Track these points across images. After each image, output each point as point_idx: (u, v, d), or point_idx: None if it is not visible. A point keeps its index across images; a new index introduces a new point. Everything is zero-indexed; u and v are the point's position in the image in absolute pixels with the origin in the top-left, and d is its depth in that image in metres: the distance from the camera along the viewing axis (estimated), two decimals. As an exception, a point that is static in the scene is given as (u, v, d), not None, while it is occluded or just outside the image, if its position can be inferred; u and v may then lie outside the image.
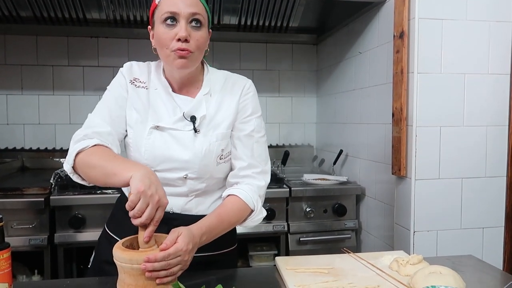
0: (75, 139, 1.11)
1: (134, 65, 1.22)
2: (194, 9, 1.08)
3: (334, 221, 2.26)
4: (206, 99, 1.19)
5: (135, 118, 1.17)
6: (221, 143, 1.18)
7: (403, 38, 1.72)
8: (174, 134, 1.15)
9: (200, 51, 1.12)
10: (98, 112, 1.17)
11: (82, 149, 1.06)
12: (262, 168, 1.22)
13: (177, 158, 1.14)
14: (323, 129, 2.99)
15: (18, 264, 2.06)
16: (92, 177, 1.05)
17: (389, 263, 1.18)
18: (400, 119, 1.75)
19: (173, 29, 1.08)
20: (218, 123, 1.18)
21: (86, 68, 2.74)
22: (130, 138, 1.18)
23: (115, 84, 1.21)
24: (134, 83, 1.19)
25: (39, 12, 2.42)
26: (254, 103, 1.23)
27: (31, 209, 1.95)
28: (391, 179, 1.88)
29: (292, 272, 1.12)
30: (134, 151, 1.17)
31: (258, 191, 1.19)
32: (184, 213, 1.18)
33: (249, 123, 1.21)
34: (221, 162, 1.19)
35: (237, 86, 1.22)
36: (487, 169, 1.77)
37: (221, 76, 1.25)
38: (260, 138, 1.23)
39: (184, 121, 1.15)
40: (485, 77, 1.75)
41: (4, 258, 0.93)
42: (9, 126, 2.73)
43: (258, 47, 2.99)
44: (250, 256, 2.27)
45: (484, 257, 1.72)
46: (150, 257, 0.88)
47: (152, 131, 1.15)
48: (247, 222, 1.19)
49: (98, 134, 1.11)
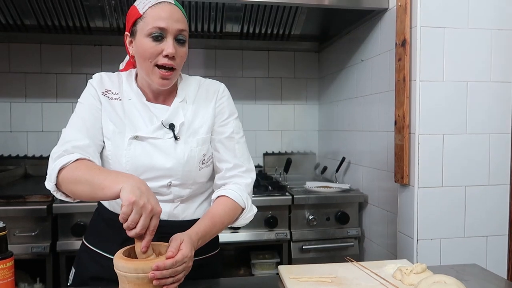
0: (53, 156, 1.08)
1: (104, 76, 1.22)
2: (181, 25, 1.11)
3: (337, 229, 2.26)
4: (182, 106, 1.20)
5: (111, 129, 1.16)
6: (202, 148, 1.19)
7: (405, 46, 1.73)
8: (155, 142, 1.15)
9: (181, 65, 1.15)
10: (73, 125, 1.15)
11: (64, 165, 1.04)
12: (246, 167, 1.24)
13: (160, 167, 1.14)
14: (325, 137, 2.99)
15: (20, 272, 2.06)
16: (78, 193, 1.03)
17: (393, 272, 1.17)
18: (402, 127, 1.75)
19: (159, 45, 1.09)
20: (196, 129, 1.20)
21: (89, 76, 2.72)
22: (109, 150, 1.15)
23: (86, 96, 1.19)
24: (107, 94, 1.18)
25: (43, 20, 2.44)
26: (230, 106, 1.27)
27: (34, 217, 1.95)
28: (394, 187, 1.87)
29: (295, 281, 1.11)
30: (114, 163, 1.15)
31: (246, 188, 1.21)
32: (171, 219, 1.18)
33: (228, 125, 1.24)
34: (203, 166, 1.21)
35: (211, 91, 1.25)
36: (490, 177, 1.77)
37: (194, 82, 1.26)
38: (240, 138, 1.26)
39: (163, 129, 1.16)
40: (488, 85, 1.75)
41: (7, 267, 0.94)
42: (13, 133, 2.74)
43: (260, 55, 3.00)
44: (253, 264, 2.26)
45: (488, 266, 1.70)
46: (160, 265, 0.89)
47: (131, 142, 1.14)
48: (239, 220, 1.21)
49: (77, 148, 1.09)
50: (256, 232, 2.17)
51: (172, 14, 1.09)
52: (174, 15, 1.10)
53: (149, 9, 1.10)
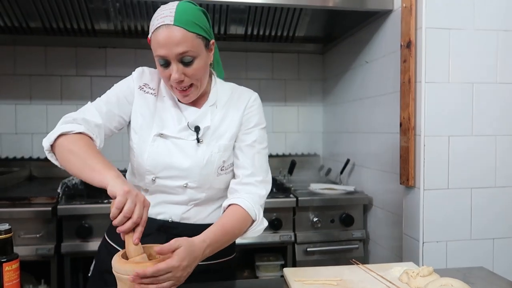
0: (64, 119, 1.12)
1: (145, 71, 1.24)
2: (182, 47, 1.06)
3: (342, 231, 2.24)
4: (212, 110, 1.20)
5: (140, 123, 1.18)
6: (223, 155, 1.18)
7: (410, 47, 1.72)
8: (177, 142, 1.16)
9: (200, 79, 1.13)
10: (95, 103, 1.18)
11: (67, 132, 1.07)
12: (263, 178, 1.22)
13: (177, 166, 1.15)
14: (329, 138, 2.98)
15: (25, 274, 2.06)
16: (67, 163, 1.05)
17: (399, 275, 1.16)
18: (408, 129, 1.74)
19: (167, 69, 1.10)
20: (221, 134, 1.19)
21: (94, 78, 2.76)
22: (135, 143, 1.19)
23: (122, 84, 1.23)
24: (143, 88, 1.21)
25: (48, 23, 2.45)
26: (259, 116, 1.25)
27: (38, 219, 1.95)
28: (399, 189, 1.86)
29: (300, 284, 1.11)
30: (137, 156, 1.17)
31: (259, 200, 1.19)
32: (183, 221, 1.18)
33: (252, 133, 1.22)
34: (222, 173, 1.20)
35: (242, 99, 1.24)
36: (496, 178, 1.75)
37: (228, 88, 1.26)
38: (262, 149, 1.24)
39: (188, 130, 1.17)
40: (494, 86, 1.74)
41: (13, 269, 0.94)
42: (18, 135, 2.75)
43: (265, 57, 3.00)
44: (257, 266, 2.26)
45: (494, 269, 1.69)
46: (140, 273, 0.86)
47: (156, 138, 1.16)
48: (248, 232, 1.18)
49: (86, 122, 1.11)
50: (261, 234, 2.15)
51: (170, 39, 1.05)
52: (173, 39, 1.05)
53: (152, 35, 1.09)
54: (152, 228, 1.16)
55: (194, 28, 1.08)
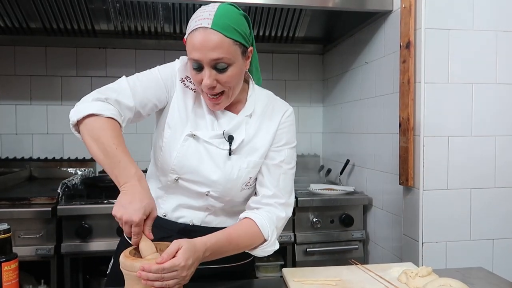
0: (96, 95, 1.07)
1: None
2: (217, 53, 1.01)
3: (341, 232, 2.24)
4: (247, 120, 1.16)
5: (176, 119, 1.14)
6: (251, 171, 1.16)
7: (409, 48, 1.72)
8: (209, 148, 1.13)
9: (233, 87, 1.09)
10: (133, 83, 1.12)
11: (97, 114, 1.02)
12: (285, 201, 1.17)
13: (204, 174, 1.12)
14: (329, 139, 2.98)
15: (25, 274, 2.06)
16: (90, 148, 1.02)
17: (398, 275, 1.16)
18: (407, 129, 1.74)
19: (199, 74, 1.05)
20: (253, 150, 1.16)
21: (94, 79, 2.76)
22: (165, 138, 1.14)
23: (165, 71, 1.16)
24: (185, 81, 1.16)
25: (49, 23, 2.45)
26: (290, 134, 1.20)
27: (38, 219, 1.95)
28: (399, 190, 1.86)
29: (299, 284, 1.11)
30: (165, 152, 1.14)
31: (277, 222, 1.14)
32: (204, 225, 1.17)
33: (281, 152, 1.18)
34: (245, 188, 1.18)
35: (277, 112, 1.20)
36: (496, 179, 1.75)
37: (265, 97, 1.22)
38: (288, 169, 1.19)
39: (221, 138, 1.13)
40: (493, 87, 1.74)
41: (11, 269, 0.94)
42: (18, 136, 2.75)
43: (265, 57, 3.00)
44: (257, 266, 2.25)
45: (494, 269, 1.69)
46: (145, 267, 0.88)
47: (188, 138, 1.12)
48: (257, 250, 1.14)
49: (118, 105, 1.07)
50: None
51: (205, 43, 1.00)
52: (209, 43, 1.00)
53: (188, 36, 1.04)
54: (173, 231, 1.16)
55: (232, 33, 1.02)
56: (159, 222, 1.09)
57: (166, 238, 0.96)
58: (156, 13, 2.39)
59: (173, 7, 2.32)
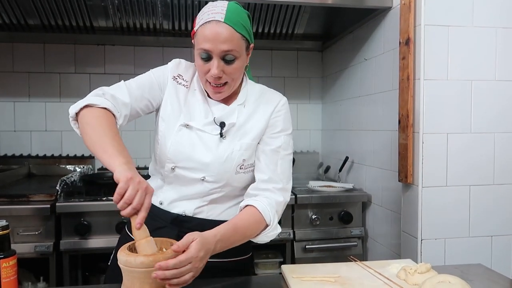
0: (95, 92, 1.14)
1: (182, 63, 1.27)
2: (228, 45, 1.09)
3: (340, 229, 2.25)
4: (239, 109, 1.22)
5: (168, 112, 1.21)
6: (243, 153, 1.19)
7: (409, 44, 1.72)
8: (201, 135, 1.18)
9: (236, 78, 1.16)
10: (129, 83, 1.20)
11: (93, 104, 1.09)
12: (283, 186, 1.20)
13: (197, 159, 1.17)
14: (328, 136, 2.98)
15: (24, 271, 2.07)
16: (84, 135, 1.07)
17: (397, 271, 1.16)
18: (406, 126, 1.74)
19: (207, 64, 1.12)
20: (245, 133, 1.20)
21: (92, 76, 2.76)
22: (161, 131, 1.21)
23: (158, 72, 1.24)
24: (177, 79, 1.23)
25: (47, 20, 2.44)
26: (286, 121, 1.25)
27: (37, 216, 1.95)
28: (398, 186, 1.86)
29: (298, 281, 1.11)
30: (161, 144, 1.20)
31: (276, 206, 1.17)
32: (195, 216, 1.19)
33: (278, 139, 1.22)
34: (240, 171, 1.20)
35: (271, 102, 1.25)
36: (495, 176, 1.75)
37: (258, 89, 1.29)
38: (286, 155, 1.23)
39: (213, 125, 1.19)
40: (492, 84, 1.74)
41: (10, 266, 0.94)
42: (16, 133, 2.75)
43: (264, 54, 3.00)
44: (256, 263, 2.26)
45: (493, 266, 1.69)
46: (162, 265, 0.86)
47: (181, 128, 1.18)
48: (261, 236, 1.16)
49: (114, 99, 1.14)
50: (259, 232, 2.16)
51: (218, 35, 1.08)
52: (221, 36, 1.08)
53: (200, 28, 1.11)
54: (166, 221, 1.19)
55: (241, 29, 1.11)
56: (153, 211, 1.10)
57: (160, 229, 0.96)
58: (155, 10, 2.38)
59: (172, 3, 2.32)
